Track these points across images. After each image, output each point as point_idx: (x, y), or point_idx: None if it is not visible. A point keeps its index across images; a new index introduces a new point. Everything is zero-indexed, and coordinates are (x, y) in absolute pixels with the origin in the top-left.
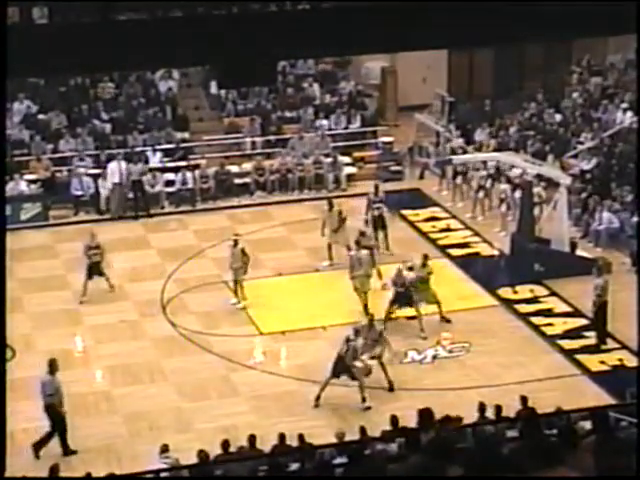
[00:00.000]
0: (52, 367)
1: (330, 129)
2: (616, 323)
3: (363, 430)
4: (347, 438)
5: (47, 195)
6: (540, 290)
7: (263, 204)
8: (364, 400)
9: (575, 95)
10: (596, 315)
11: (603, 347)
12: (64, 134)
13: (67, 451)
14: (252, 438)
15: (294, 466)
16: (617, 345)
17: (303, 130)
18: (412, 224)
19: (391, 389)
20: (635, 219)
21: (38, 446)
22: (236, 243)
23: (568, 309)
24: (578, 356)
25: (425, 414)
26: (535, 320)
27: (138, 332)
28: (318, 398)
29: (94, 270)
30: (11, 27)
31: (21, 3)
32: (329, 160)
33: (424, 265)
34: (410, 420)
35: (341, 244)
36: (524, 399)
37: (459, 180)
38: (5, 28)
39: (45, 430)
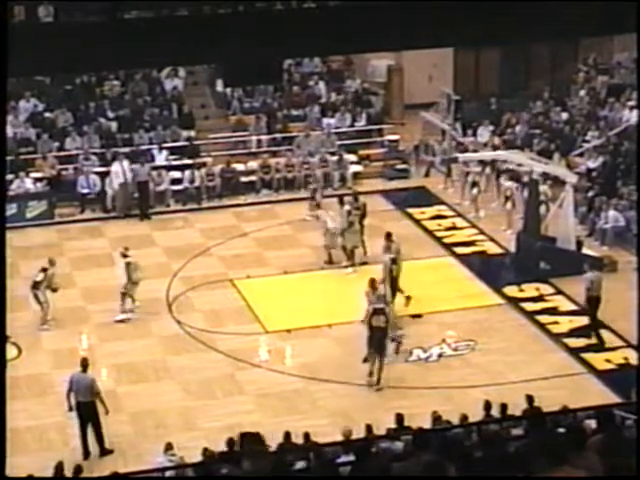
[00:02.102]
0: (86, 366)
1: (336, 127)
2: (621, 322)
3: (369, 428)
4: (352, 436)
5: (53, 193)
6: (546, 288)
7: (269, 202)
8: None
9: (581, 94)
10: (588, 310)
11: (606, 345)
12: (70, 132)
13: (105, 450)
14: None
15: (299, 464)
16: (622, 343)
17: (309, 128)
18: (418, 222)
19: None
20: None
21: (86, 452)
22: (124, 257)
23: (574, 307)
24: (584, 354)
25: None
26: (541, 318)
27: (144, 330)
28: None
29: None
30: (17, 25)
31: (27, 2)
32: (335, 158)
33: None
34: (416, 419)
35: (349, 247)
36: (530, 398)
37: (470, 178)
38: (6, 28)
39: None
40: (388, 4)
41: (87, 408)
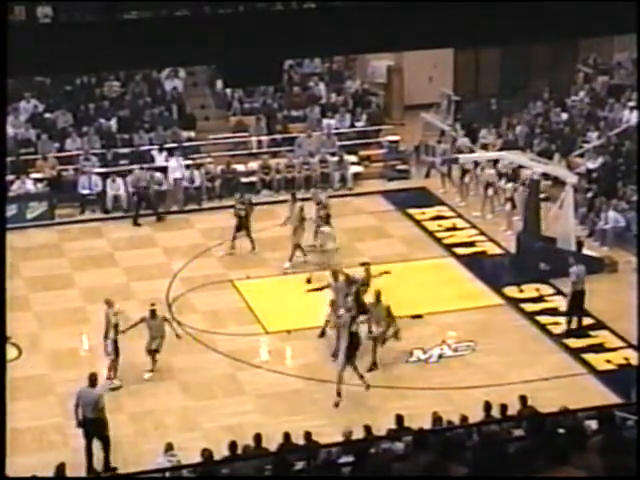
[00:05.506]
0: (94, 381)
1: (336, 128)
2: (621, 322)
3: (368, 429)
4: (352, 437)
5: (53, 194)
6: (546, 289)
7: (269, 203)
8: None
9: (581, 94)
10: (571, 303)
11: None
12: (70, 133)
13: (109, 467)
14: (258, 437)
15: (300, 465)
16: (622, 344)
17: (309, 129)
18: (418, 223)
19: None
20: None
21: (90, 468)
22: (154, 314)
23: None
24: (584, 355)
25: None
26: (541, 319)
27: (143, 331)
28: None
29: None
30: (16, 26)
31: (26, 2)
32: (335, 159)
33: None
34: (416, 419)
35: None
36: (523, 398)
37: (467, 179)
38: (6, 28)
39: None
40: (388, 4)
41: (93, 425)
